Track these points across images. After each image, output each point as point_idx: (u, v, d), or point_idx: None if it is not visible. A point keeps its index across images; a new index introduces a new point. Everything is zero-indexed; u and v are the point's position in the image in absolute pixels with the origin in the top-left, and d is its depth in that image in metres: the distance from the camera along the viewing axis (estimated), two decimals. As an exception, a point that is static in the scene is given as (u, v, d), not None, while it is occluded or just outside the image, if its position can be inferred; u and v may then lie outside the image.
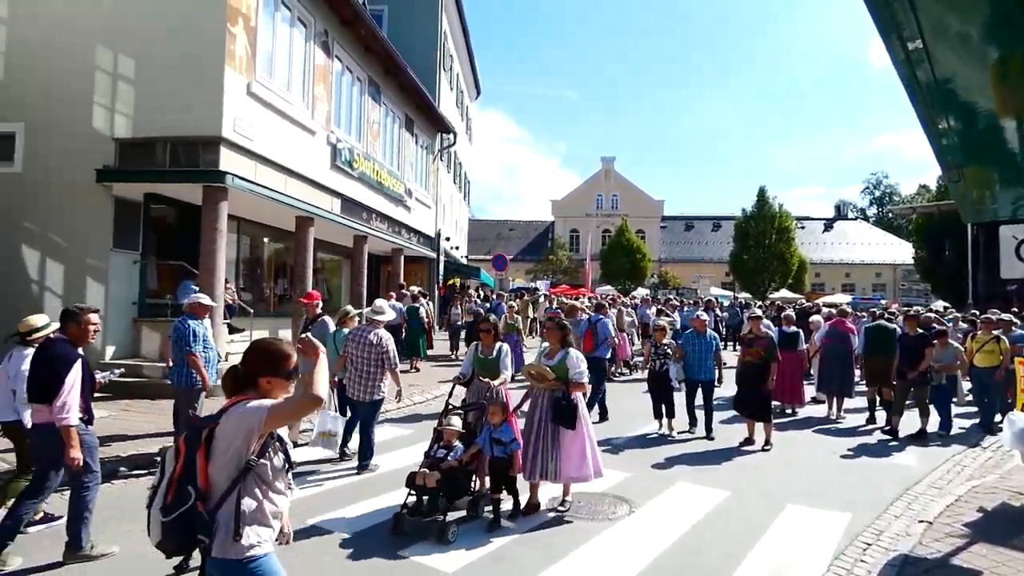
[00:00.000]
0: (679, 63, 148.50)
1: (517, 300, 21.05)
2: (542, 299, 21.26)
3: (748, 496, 5.97)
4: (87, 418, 4.38)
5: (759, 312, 9.57)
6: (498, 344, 5.82)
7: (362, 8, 13.58)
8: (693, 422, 8.51)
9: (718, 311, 15.83)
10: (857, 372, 10.30)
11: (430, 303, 16.27)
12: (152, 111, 9.80)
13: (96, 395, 4.84)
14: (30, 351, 4.51)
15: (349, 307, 7.74)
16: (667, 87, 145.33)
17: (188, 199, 10.90)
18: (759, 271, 39.67)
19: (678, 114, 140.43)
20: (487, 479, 5.29)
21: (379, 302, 7.05)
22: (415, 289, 15.67)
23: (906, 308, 15.70)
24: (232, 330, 11.20)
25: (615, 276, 42.90)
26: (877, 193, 73.28)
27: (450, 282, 24.72)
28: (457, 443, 5.24)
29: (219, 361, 6.97)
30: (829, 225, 58.08)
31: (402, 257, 19.29)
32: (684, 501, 5.80)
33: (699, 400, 8.39)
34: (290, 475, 2.52)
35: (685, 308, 17.33)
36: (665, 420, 8.47)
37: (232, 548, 2.26)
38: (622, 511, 5.46)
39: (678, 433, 8.42)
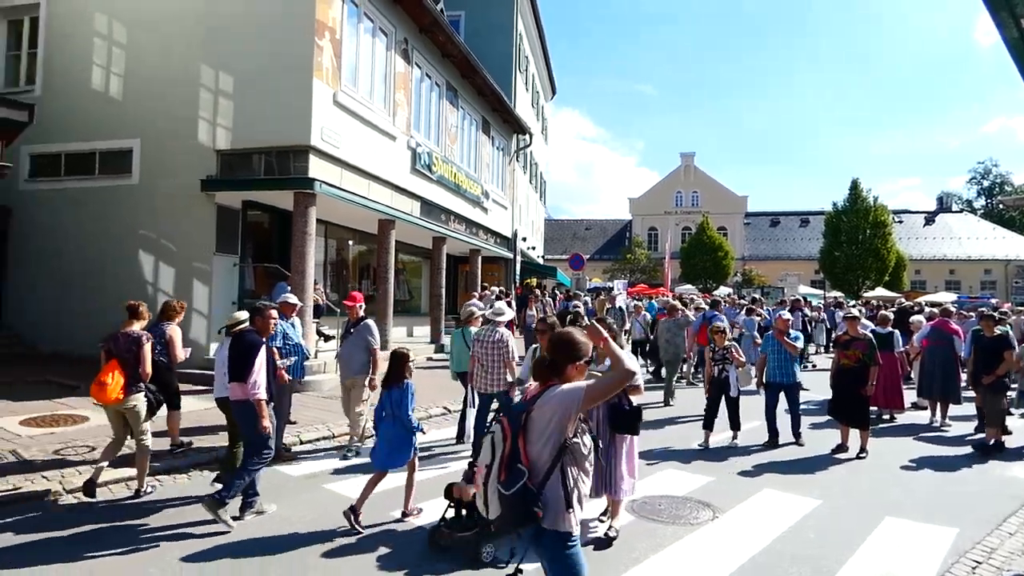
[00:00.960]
0: (762, 52, 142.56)
1: (594, 300, 20.89)
2: (620, 297, 20.96)
3: (842, 506, 5.67)
4: (268, 398, 5.04)
5: (856, 312, 8.98)
6: None
7: (440, 15, 13.91)
8: (774, 435, 7.81)
9: (807, 311, 14.97)
10: (964, 376, 9.55)
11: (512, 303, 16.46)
12: (249, 124, 10.46)
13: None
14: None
15: (473, 308, 8.12)
16: (750, 78, 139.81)
17: (281, 205, 11.55)
18: (852, 268, 37.36)
19: (762, 106, 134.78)
20: None
21: (499, 304, 7.57)
22: (496, 289, 15.90)
23: (1021, 307, 14.36)
24: (325, 338, 11.79)
25: (695, 275, 41.70)
26: (985, 183, 67.31)
27: (526, 282, 24.86)
28: None
29: (307, 358, 7.37)
30: (931, 218, 53.88)
31: (479, 258, 19.59)
32: (771, 508, 5.57)
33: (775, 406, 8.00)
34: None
35: (767, 309, 16.61)
36: (729, 432, 7.84)
37: (564, 520, 2.55)
38: (705, 516, 5.32)
39: (743, 446, 7.78)
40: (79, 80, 11.42)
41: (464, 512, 4.56)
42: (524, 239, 25.51)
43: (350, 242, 15.58)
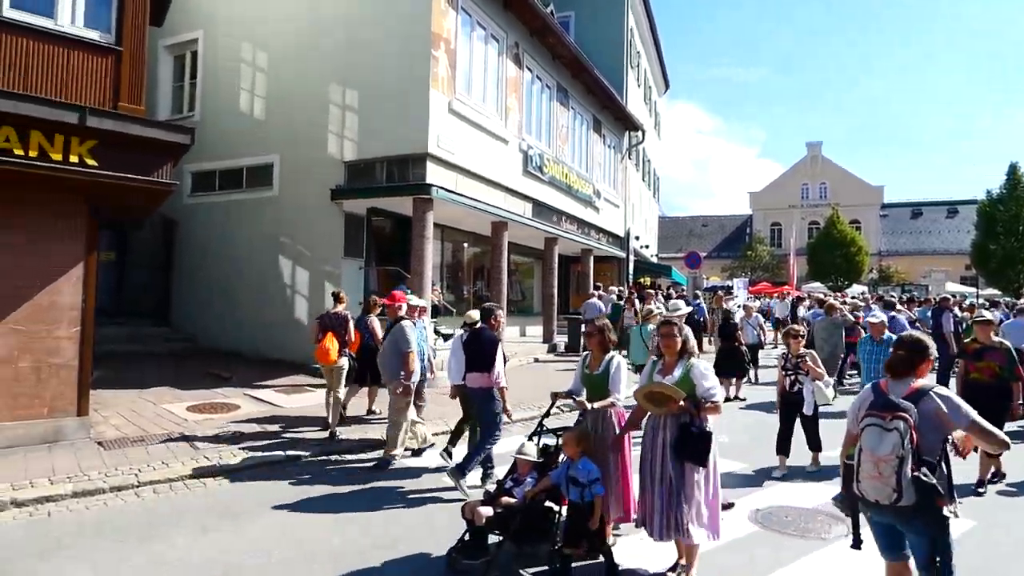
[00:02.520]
0: (897, 26, 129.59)
1: (711, 299, 20.12)
2: (739, 297, 20.01)
3: (993, 528, 5.09)
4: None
5: (989, 315, 6.95)
6: (609, 355, 4.54)
7: (550, 17, 14.03)
8: None
9: (956, 311, 13.33)
10: None
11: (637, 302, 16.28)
12: (372, 135, 11.15)
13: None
14: (459, 333, 6.23)
15: (651, 306, 8.54)
16: (883, 56, 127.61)
17: (401, 211, 12.19)
18: (1011, 263, 33.06)
19: (898, 87, 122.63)
20: (605, 525, 4.16)
21: (676, 301, 7.65)
22: (616, 289, 15.81)
23: None
24: (444, 337, 12.25)
25: (825, 272, 38.77)
26: None
27: (638, 281, 24.40)
28: (530, 476, 4.26)
29: (426, 358, 7.70)
30: (1117, 204, 46.35)
31: (591, 257, 19.51)
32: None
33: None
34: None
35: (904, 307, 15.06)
36: (810, 455, 6.65)
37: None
38: (838, 531, 4.98)
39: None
40: (229, 104, 12.75)
41: (475, 535, 4.11)
42: (637, 237, 25.04)
43: (465, 244, 16.10)
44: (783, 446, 6.61)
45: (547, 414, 4.67)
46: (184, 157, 7.44)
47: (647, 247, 28.08)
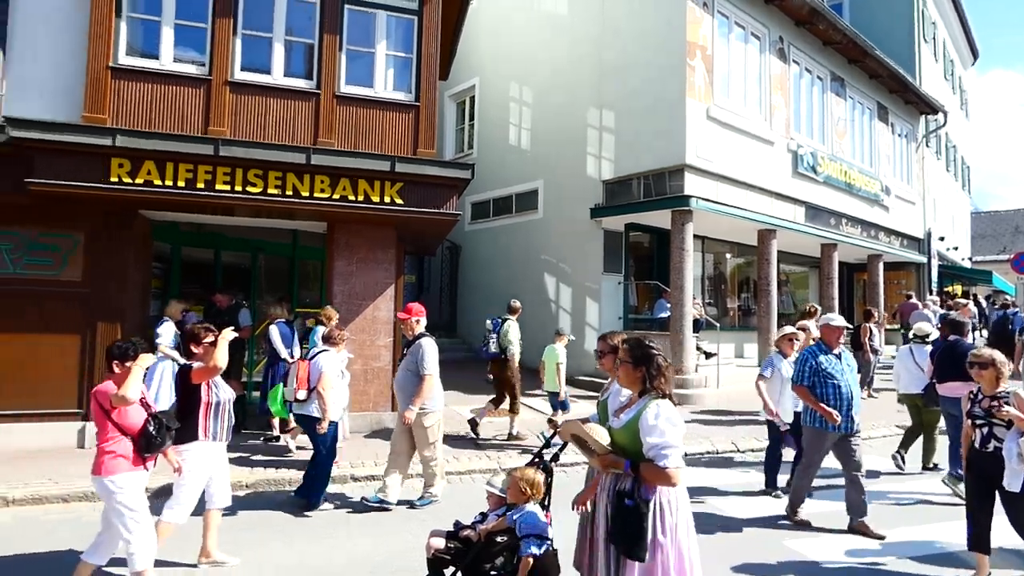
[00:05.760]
0: None
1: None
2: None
3: None
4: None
5: None
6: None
7: (819, 3, 12.78)
8: None
9: None
10: None
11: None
12: (628, 153, 11.41)
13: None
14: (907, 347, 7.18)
15: (922, 325, 7.56)
16: None
17: (659, 224, 12.18)
18: None
19: None
20: None
21: (920, 324, 7.40)
22: (935, 299, 13.72)
23: None
24: (707, 355, 11.89)
25: None
26: None
27: (947, 289, 20.46)
28: (496, 513, 3.56)
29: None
30: None
31: (880, 264, 16.98)
32: None
33: None
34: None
35: None
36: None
37: None
38: None
39: None
40: (500, 138, 14.25)
41: (432, 568, 3.52)
42: (942, 238, 21.06)
43: (728, 255, 15.37)
44: (979, 541, 4.15)
45: (547, 443, 3.68)
46: (466, 190, 8.53)
47: (955, 249, 23.41)
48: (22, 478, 5.76)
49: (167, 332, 6.88)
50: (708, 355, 11.90)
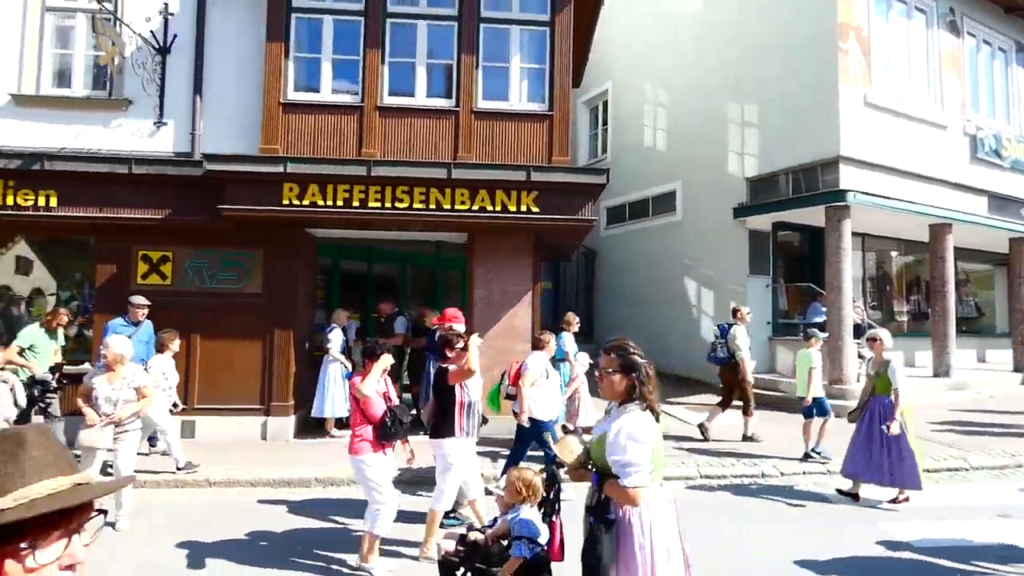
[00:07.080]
0: None
1: None
2: None
3: None
4: None
5: None
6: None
7: (1003, -38, 11.22)
8: None
9: None
10: None
11: None
12: (774, 147, 10.73)
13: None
14: None
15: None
16: None
17: (810, 222, 11.31)
18: None
19: None
20: None
21: None
22: None
23: None
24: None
25: None
26: None
27: None
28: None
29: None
30: None
31: (1091, 258, 14.41)
32: None
33: None
34: None
35: None
36: None
37: None
38: None
39: None
40: (634, 141, 14.04)
41: (443, 569, 3.56)
42: None
43: (893, 253, 13.89)
44: None
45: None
46: (600, 195, 8.52)
47: None
48: (220, 463, 6.65)
49: (336, 338, 7.73)
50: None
